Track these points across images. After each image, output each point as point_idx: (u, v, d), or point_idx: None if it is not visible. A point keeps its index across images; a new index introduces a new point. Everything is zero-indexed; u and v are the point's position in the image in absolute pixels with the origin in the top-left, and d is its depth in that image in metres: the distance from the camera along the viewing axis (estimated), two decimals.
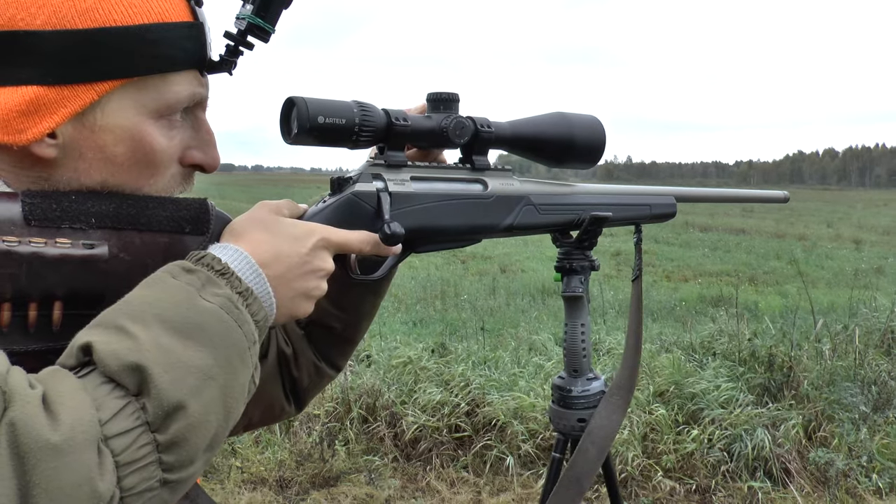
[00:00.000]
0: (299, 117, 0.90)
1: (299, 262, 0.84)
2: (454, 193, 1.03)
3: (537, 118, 1.12)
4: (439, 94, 1.03)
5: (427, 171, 1.03)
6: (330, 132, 0.91)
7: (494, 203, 1.07)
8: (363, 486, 3.77)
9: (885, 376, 4.54)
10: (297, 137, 0.91)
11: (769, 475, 3.77)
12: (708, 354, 4.90)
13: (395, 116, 0.97)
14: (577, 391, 1.30)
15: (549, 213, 1.15)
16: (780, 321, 6.00)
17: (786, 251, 17.40)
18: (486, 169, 1.08)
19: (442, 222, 1.02)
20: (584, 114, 1.15)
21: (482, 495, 3.72)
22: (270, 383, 1.10)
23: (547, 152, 1.12)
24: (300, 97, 0.90)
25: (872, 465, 3.89)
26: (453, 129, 1.02)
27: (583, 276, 1.28)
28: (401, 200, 0.98)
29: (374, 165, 0.98)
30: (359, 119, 0.93)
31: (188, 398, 0.67)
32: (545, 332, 6.23)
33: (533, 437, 3.95)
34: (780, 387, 4.36)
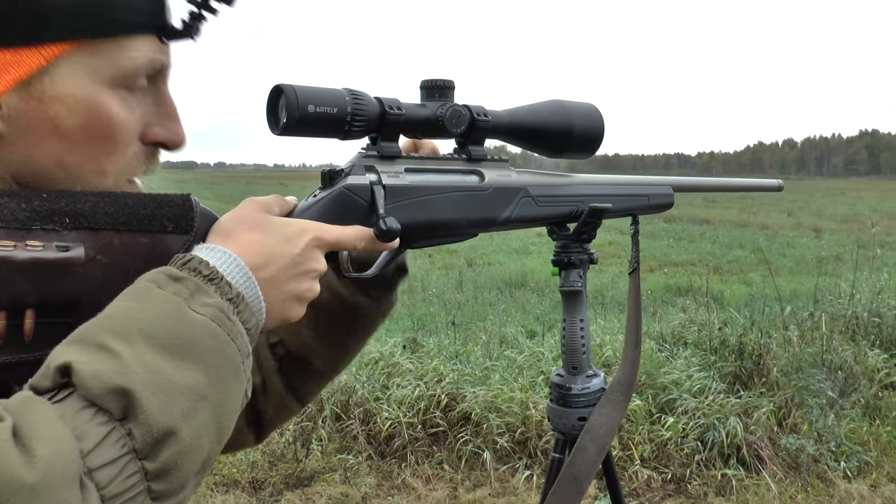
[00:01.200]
0: (288, 107, 0.84)
1: (291, 264, 0.79)
2: (450, 185, 0.99)
3: (535, 106, 1.08)
4: (434, 82, 0.98)
5: (422, 162, 0.98)
6: (321, 122, 0.86)
7: (492, 195, 1.03)
8: (338, 486, 3.73)
9: (851, 361, 4.61)
10: (286, 128, 0.85)
11: (742, 462, 3.81)
12: (679, 344, 4.94)
13: (388, 105, 0.92)
14: (576, 389, 1.25)
15: (547, 205, 1.12)
16: (746, 309, 6.07)
17: (749, 240, 17.66)
18: (483, 159, 1.04)
19: (438, 216, 0.98)
20: (582, 101, 1.12)
21: (459, 491, 3.70)
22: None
23: (545, 141, 1.09)
24: (289, 84, 0.84)
25: (841, 449, 3.95)
26: (450, 117, 0.97)
27: (581, 270, 1.23)
28: (395, 194, 0.93)
29: (367, 157, 0.94)
30: (351, 108, 0.87)
31: (179, 422, 0.61)
32: (514, 325, 6.24)
33: (509, 430, 3.94)
34: (751, 374, 4.40)
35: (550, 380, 1.30)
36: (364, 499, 3.64)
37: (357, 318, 1.06)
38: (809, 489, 3.71)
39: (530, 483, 3.70)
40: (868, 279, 5.96)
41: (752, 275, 11.78)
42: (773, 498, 3.60)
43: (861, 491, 3.74)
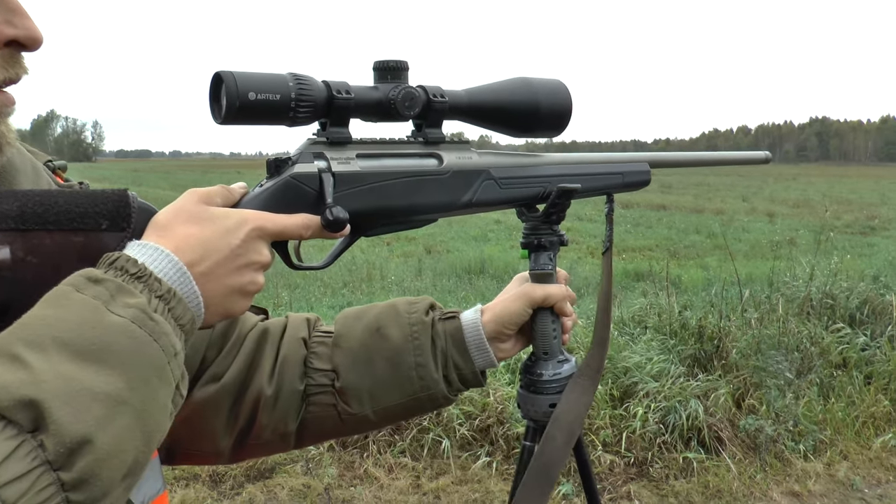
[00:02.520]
0: (228, 95, 0.79)
1: (231, 256, 0.75)
2: (406, 170, 0.95)
3: (497, 85, 1.03)
4: (386, 63, 0.93)
5: (375, 147, 0.94)
6: (263, 109, 0.81)
7: (451, 179, 0.99)
8: (300, 477, 3.68)
9: (807, 342, 4.70)
10: (227, 117, 0.81)
11: (702, 444, 3.85)
12: (639, 328, 4.97)
13: (336, 89, 0.87)
14: (547, 375, 1.20)
15: (511, 187, 1.07)
16: (703, 293, 6.14)
17: (705, 225, 17.93)
18: (441, 142, 0.99)
19: (392, 202, 0.93)
20: (547, 78, 1.07)
21: (421, 480, 3.67)
22: (210, 409, 0.99)
23: (509, 121, 1.04)
24: (228, 72, 0.80)
25: (798, 429, 4.02)
26: (402, 100, 0.92)
27: (552, 253, 1.18)
28: (346, 181, 0.89)
29: (316, 144, 0.89)
30: (295, 93, 0.83)
31: (94, 430, 0.58)
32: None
33: (469, 419, 3.92)
34: (710, 357, 4.45)
35: (521, 365, 1.25)
36: (326, 489, 3.60)
37: (427, 402, 1.05)
38: (767, 469, 3.77)
39: (491, 470, 3.69)
40: (819, 262, 6.07)
41: (708, 259, 11.95)
42: (733, 479, 3.65)
43: (817, 469, 3.81)
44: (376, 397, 1.02)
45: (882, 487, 3.75)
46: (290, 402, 1.01)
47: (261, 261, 0.78)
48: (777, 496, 3.59)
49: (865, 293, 5.45)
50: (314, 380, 1.01)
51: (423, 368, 1.01)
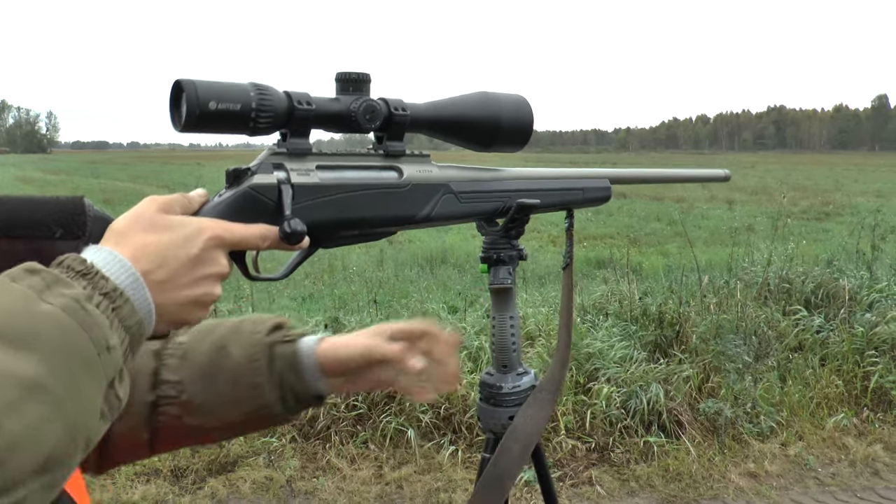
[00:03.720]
0: (188, 103, 0.78)
1: (188, 265, 0.74)
2: (365, 183, 0.94)
3: (459, 99, 1.03)
4: (348, 75, 0.93)
5: (335, 159, 0.93)
6: (223, 119, 0.81)
7: (410, 192, 0.98)
8: (262, 469, 3.65)
9: (764, 326, 4.78)
10: (187, 125, 0.80)
11: (663, 428, 3.90)
12: (600, 314, 5.01)
13: (297, 99, 0.87)
14: (507, 388, 1.22)
15: (471, 202, 1.07)
16: (665, 279, 6.22)
17: (665, 213, 18.17)
18: (402, 155, 0.99)
19: (351, 214, 0.93)
20: (509, 93, 1.07)
21: (384, 469, 3.66)
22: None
23: (471, 135, 1.04)
24: (189, 80, 0.79)
25: (756, 411, 4.09)
26: (363, 112, 0.92)
27: (510, 267, 1.20)
28: (305, 193, 0.88)
29: (276, 154, 0.88)
30: (256, 103, 0.82)
31: (2, 413, 0.55)
32: (436, 302, 6.22)
33: (433, 407, 3.92)
34: (671, 342, 4.51)
35: (480, 379, 1.26)
36: (289, 482, 3.57)
37: (266, 419, 1.04)
38: (726, 451, 3.83)
39: (455, 459, 3.70)
40: (777, 248, 6.17)
41: (669, 246, 12.11)
42: (692, 461, 3.70)
43: (773, 450, 3.89)
44: (217, 412, 1.01)
45: (834, 466, 3.84)
46: (141, 413, 1.00)
47: (218, 271, 0.77)
48: (735, 477, 3.65)
49: (820, 277, 5.56)
50: (163, 391, 1.00)
51: (259, 388, 1.00)
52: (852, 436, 4.08)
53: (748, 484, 3.62)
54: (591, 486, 3.57)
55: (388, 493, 3.52)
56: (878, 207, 8.00)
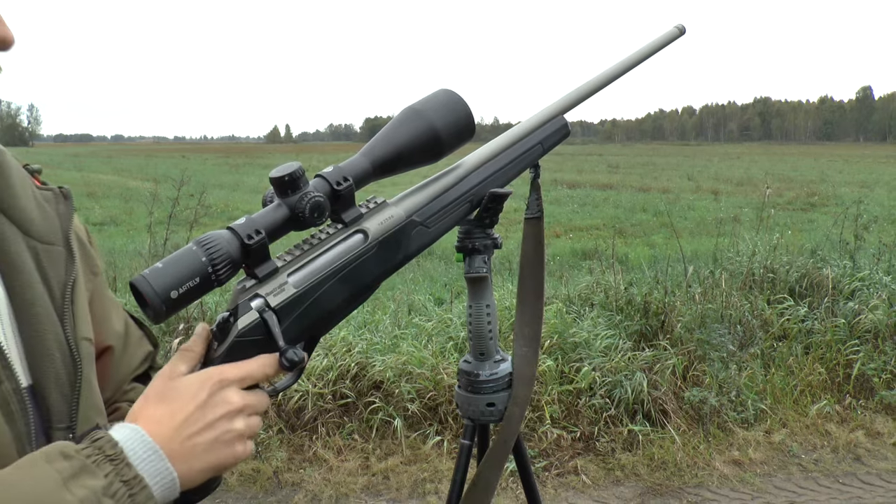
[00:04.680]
0: (152, 303, 0.79)
1: (198, 414, 0.79)
2: (338, 265, 0.93)
3: (389, 131, 1.00)
4: (282, 178, 0.90)
5: (301, 256, 0.92)
6: (190, 295, 0.81)
7: (381, 247, 0.97)
8: (249, 461, 3.64)
9: (748, 315, 4.81)
10: (161, 317, 0.81)
11: (648, 417, 3.92)
12: (586, 305, 5.02)
13: (245, 234, 0.86)
14: (485, 375, 1.24)
15: (440, 221, 1.05)
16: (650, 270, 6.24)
17: (651, 204, 18.21)
18: (360, 217, 0.97)
19: (337, 301, 0.93)
20: (434, 94, 1.04)
21: (370, 460, 3.67)
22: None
23: (418, 158, 1.01)
24: (143, 280, 0.80)
25: (740, 399, 4.12)
26: (310, 212, 0.90)
27: (486, 256, 1.21)
28: (288, 310, 0.88)
29: (247, 290, 0.88)
30: (210, 266, 0.82)
31: None
32: (422, 294, 6.22)
33: (420, 396, 3.92)
34: (656, 332, 4.53)
35: (458, 367, 1.28)
36: (276, 473, 3.57)
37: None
38: (711, 439, 3.86)
39: (441, 449, 3.71)
40: (762, 238, 6.21)
41: (655, 237, 12.15)
42: (677, 450, 3.73)
43: (756, 437, 3.92)
44: None
45: (817, 452, 3.88)
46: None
47: (231, 408, 0.81)
48: (720, 465, 3.68)
49: (805, 267, 5.60)
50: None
51: None
52: (835, 422, 4.12)
53: (732, 471, 3.65)
54: (577, 476, 3.58)
55: (374, 483, 3.53)
56: (860, 198, 8.06)
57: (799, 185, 23.79)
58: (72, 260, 0.91)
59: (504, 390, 1.24)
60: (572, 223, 14.91)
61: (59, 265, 0.90)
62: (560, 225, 14.67)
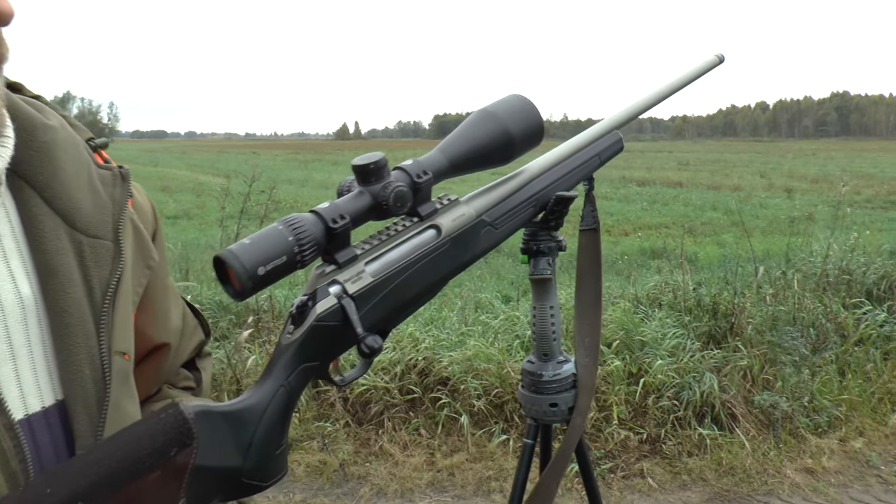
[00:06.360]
0: (240, 278, 0.80)
1: None
2: (413, 258, 0.95)
3: (465, 130, 1.02)
4: (366, 166, 0.92)
5: (378, 246, 0.94)
6: (275, 274, 0.83)
7: (451, 245, 0.99)
8: (316, 453, 3.72)
9: (822, 319, 4.67)
10: (244, 294, 0.82)
11: (716, 421, 3.85)
12: (654, 305, 4.95)
13: (330, 218, 0.87)
14: (548, 375, 1.26)
15: (507, 223, 1.08)
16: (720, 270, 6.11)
17: (721, 202, 17.82)
18: (434, 212, 0.99)
19: (410, 294, 0.95)
20: (507, 98, 1.06)
21: (436, 456, 3.70)
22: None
23: (491, 160, 1.03)
24: (231, 254, 0.80)
25: (813, 405, 4.00)
26: (394, 202, 0.92)
27: (550, 258, 1.22)
28: (365, 298, 0.90)
29: (326, 275, 0.90)
30: (297, 247, 0.83)
31: None
32: (489, 291, 6.23)
33: (486, 392, 3.93)
34: (725, 334, 4.44)
35: (522, 367, 1.30)
36: (342, 466, 3.64)
37: None
38: (782, 445, 3.76)
39: (507, 448, 3.71)
40: (838, 237, 6.01)
41: (725, 236, 11.89)
42: (746, 455, 3.65)
43: (831, 445, 3.80)
44: None
45: None
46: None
47: None
48: (791, 473, 3.59)
49: (884, 268, 5.40)
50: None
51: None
52: None
53: (805, 480, 3.56)
54: (643, 479, 3.54)
55: (439, 479, 3.56)
56: None
57: (879, 183, 22.93)
58: (119, 256, 0.84)
59: (567, 391, 1.26)
60: (641, 221, 14.70)
61: (105, 262, 0.83)
62: (629, 223, 14.49)
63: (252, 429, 0.82)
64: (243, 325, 4.87)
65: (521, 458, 1.32)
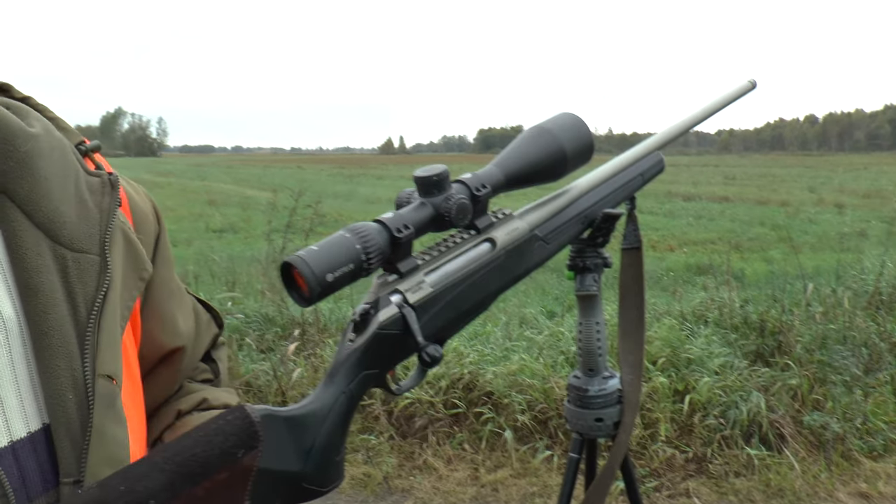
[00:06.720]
0: (309, 283, 0.82)
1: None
2: (469, 270, 0.97)
3: (520, 145, 1.04)
4: (430, 178, 0.94)
5: (436, 258, 0.96)
6: (343, 281, 0.84)
7: (505, 259, 1.01)
8: (360, 466, 3.75)
9: (875, 338, 4.56)
10: (311, 301, 0.84)
11: (764, 441, 3.78)
12: (700, 322, 4.90)
13: (395, 229, 0.89)
14: (593, 391, 1.28)
15: (557, 237, 1.10)
16: (767, 287, 6.01)
17: (769, 217, 17.53)
18: (490, 225, 1.01)
19: (466, 306, 0.97)
20: (560, 116, 1.08)
21: (480, 471, 3.70)
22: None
23: (544, 176, 1.05)
24: (300, 260, 0.81)
25: (866, 427, 3.91)
26: (456, 213, 0.94)
27: (596, 274, 1.25)
28: (424, 308, 0.92)
29: (388, 283, 0.91)
30: (364, 254, 0.85)
31: None
32: (534, 306, 6.22)
33: (531, 408, 3.93)
34: (773, 352, 4.37)
35: (568, 382, 1.33)
36: (385, 479, 3.66)
37: None
38: (833, 468, 3.68)
39: (551, 464, 3.70)
40: (892, 255, 5.87)
41: (773, 252, 11.68)
42: (796, 477, 3.58)
43: (887, 470, 3.70)
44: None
45: None
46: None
47: None
48: (844, 497, 3.51)
49: None
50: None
51: None
52: None
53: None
54: (689, 498, 3.50)
55: (483, 495, 3.56)
56: None
57: None
58: (105, 270, 0.79)
59: (612, 406, 1.28)
60: (687, 237, 14.53)
61: (91, 278, 0.78)
62: (674, 238, 14.35)
63: (314, 433, 0.82)
64: (289, 337, 4.94)
65: (566, 473, 1.33)
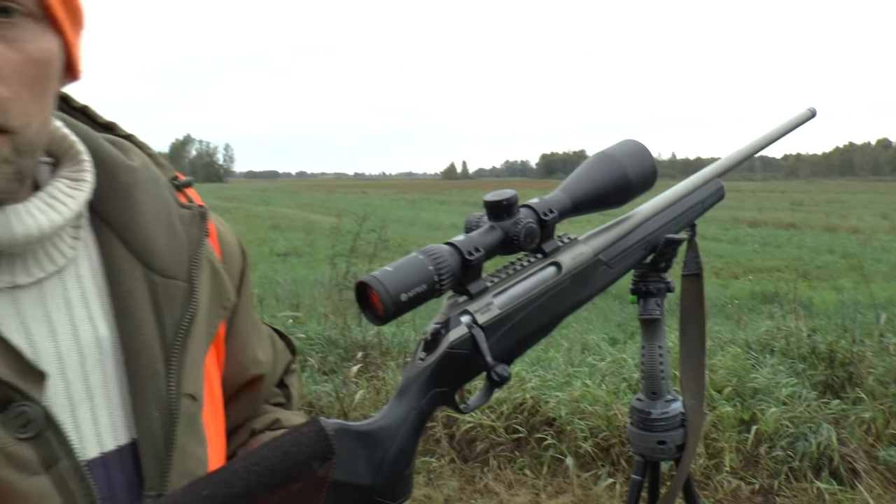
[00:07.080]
0: (384, 303, 0.84)
1: None
2: (536, 293, 0.99)
3: (586, 171, 1.07)
4: (500, 202, 0.96)
5: (504, 280, 0.99)
6: (416, 302, 0.87)
7: (570, 282, 1.04)
8: (421, 488, 3.78)
9: None
10: (385, 320, 0.87)
11: (834, 475, 3.68)
12: (766, 352, 4.81)
13: (466, 251, 0.92)
14: (656, 413, 1.29)
15: (621, 262, 1.12)
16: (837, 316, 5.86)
17: (838, 245, 17.03)
18: (557, 249, 1.04)
19: (532, 328, 0.99)
20: (624, 143, 1.11)
21: (541, 497, 3.70)
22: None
23: (608, 202, 1.08)
24: (376, 280, 0.84)
25: None
26: (524, 238, 0.97)
27: (659, 299, 1.26)
28: (493, 329, 0.95)
29: (458, 304, 0.94)
30: (437, 276, 0.88)
31: None
32: (596, 333, 6.19)
33: (593, 434, 3.91)
34: (843, 384, 4.26)
35: (631, 404, 1.34)
36: (447, 501, 3.68)
37: None
38: None
39: (613, 492, 3.67)
40: None
41: (842, 281, 11.36)
42: None
43: None
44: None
45: None
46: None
47: None
48: None
49: None
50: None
51: None
52: None
53: None
54: None
55: None
56: None
57: None
58: (192, 296, 0.85)
59: (675, 429, 1.29)
60: (752, 264, 14.24)
61: (178, 303, 0.84)
62: (739, 265, 14.08)
63: (385, 448, 0.85)
64: (352, 359, 5.02)
65: (629, 495, 1.35)
